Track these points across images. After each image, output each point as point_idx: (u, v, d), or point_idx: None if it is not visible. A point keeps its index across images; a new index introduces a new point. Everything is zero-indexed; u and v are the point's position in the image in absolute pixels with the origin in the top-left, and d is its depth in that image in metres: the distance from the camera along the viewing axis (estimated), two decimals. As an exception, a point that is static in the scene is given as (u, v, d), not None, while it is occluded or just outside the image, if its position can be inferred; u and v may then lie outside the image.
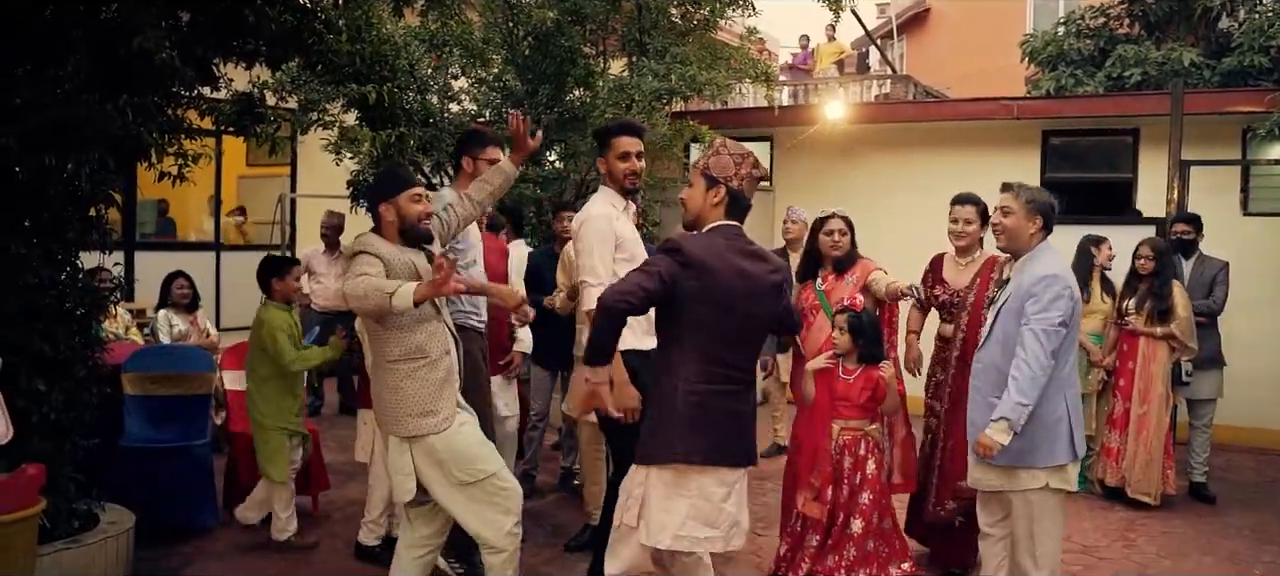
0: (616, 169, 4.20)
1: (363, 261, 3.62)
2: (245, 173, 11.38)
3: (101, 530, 4.51)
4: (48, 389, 4.30)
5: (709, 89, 8.25)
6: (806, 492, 4.65)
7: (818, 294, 5.11)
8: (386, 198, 3.84)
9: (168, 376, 5.69)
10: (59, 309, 4.42)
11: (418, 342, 3.72)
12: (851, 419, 4.63)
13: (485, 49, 7.87)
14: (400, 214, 3.83)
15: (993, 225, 4.22)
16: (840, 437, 4.65)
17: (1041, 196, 4.07)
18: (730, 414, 3.37)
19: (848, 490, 4.61)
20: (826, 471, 4.61)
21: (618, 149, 4.20)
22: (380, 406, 3.80)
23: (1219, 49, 11.18)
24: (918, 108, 11.61)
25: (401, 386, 3.70)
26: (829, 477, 4.61)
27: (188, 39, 4.55)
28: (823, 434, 4.66)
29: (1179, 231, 7.05)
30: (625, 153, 4.19)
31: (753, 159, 3.48)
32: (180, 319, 6.96)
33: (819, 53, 15.54)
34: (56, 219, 4.39)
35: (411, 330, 3.71)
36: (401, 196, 3.84)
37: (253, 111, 5.25)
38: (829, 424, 4.66)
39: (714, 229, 3.43)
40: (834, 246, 5.07)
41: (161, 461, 5.38)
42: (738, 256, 3.37)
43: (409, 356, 3.70)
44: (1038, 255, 3.95)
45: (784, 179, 10.61)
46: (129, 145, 4.47)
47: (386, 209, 3.84)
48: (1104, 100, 10.38)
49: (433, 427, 3.70)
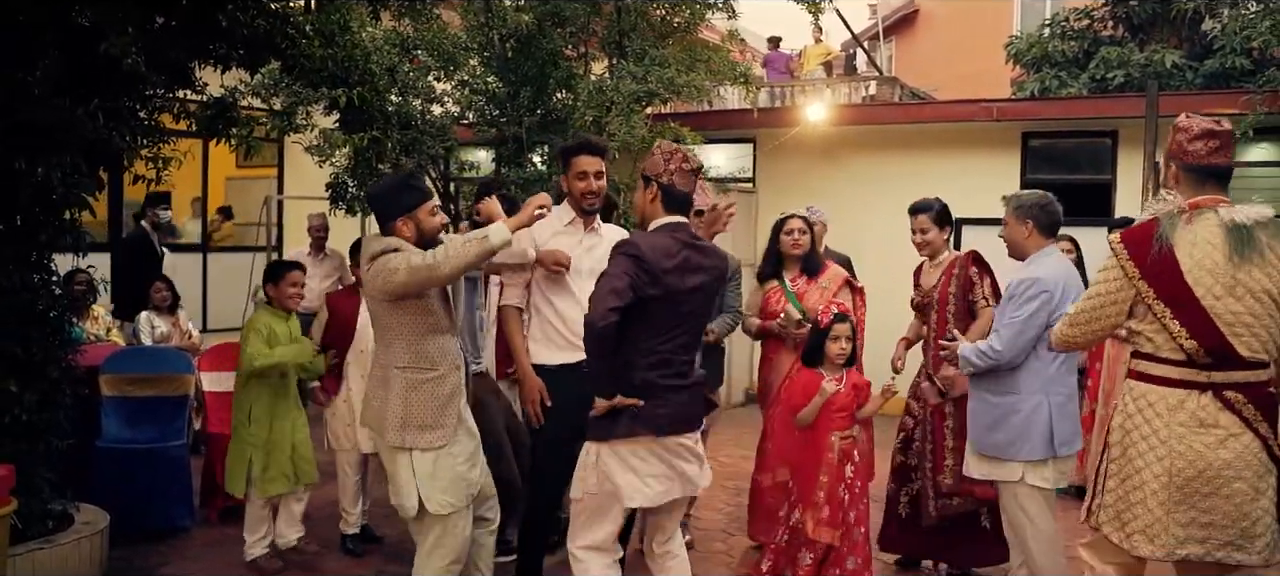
0: (574, 188, 4.21)
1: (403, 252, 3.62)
2: (233, 174, 11.40)
3: (76, 530, 4.54)
4: (20, 390, 4.33)
5: (687, 91, 8.30)
6: (811, 513, 4.46)
7: (788, 294, 5.20)
8: (406, 211, 3.73)
9: (145, 377, 5.73)
10: (32, 310, 4.46)
11: (428, 353, 3.70)
12: (846, 428, 4.52)
13: (457, 53, 7.91)
14: (419, 228, 3.75)
15: (999, 236, 4.36)
16: (840, 447, 4.49)
17: (1028, 198, 4.22)
18: (673, 390, 3.51)
19: (848, 498, 4.50)
20: (836, 492, 4.46)
21: (576, 168, 4.21)
22: (378, 412, 3.74)
23: (1202, 51, 11.25)
24: (899, 109, 11.66)
25: (407, 396, 3.67)
26: (837, 497, 4.46)
27: (161, 43, 4.58)
28: (823, 449, 4.49)
29: None
30: (583, 172, 4.18)
31: (681, 154, 3.59)
32: (162, 320, 7.00)
33: (806, 54, 15.58)
34: (29, 222, 4.43)
35: (424, 339, 3.69)
36: (421, 211, 3.75)
37: (226, 116, 5.28)
38: (826, 438, 4.49)
39: (661, 226, 3.55)
40: (794, 244, 5.23)
41: (138, 462, 5.42)
42: (683, 250, 3.49)
43: (417, 366, 3.68)
44: (1037, 259, 4.13)
45: (766, 180, 10.66)
46: (101, 149, 4.50)
47: (404, 224, 3.72)
48: (1083, 102, 10.45)
49: (429, 443, 3.68)
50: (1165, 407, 3.17)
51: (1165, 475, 3.14)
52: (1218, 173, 3.27)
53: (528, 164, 8.25)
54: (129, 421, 5.62)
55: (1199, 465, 3.11)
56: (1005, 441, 4.09)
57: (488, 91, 8.13)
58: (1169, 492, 3.13)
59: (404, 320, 3.68)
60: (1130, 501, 3.23)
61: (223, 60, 4.93)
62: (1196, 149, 3.24)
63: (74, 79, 4.32)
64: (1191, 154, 3.25)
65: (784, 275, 5.29)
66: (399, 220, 3.73)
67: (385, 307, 3.70)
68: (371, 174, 7.10)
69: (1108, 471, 3.32)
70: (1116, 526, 3.28)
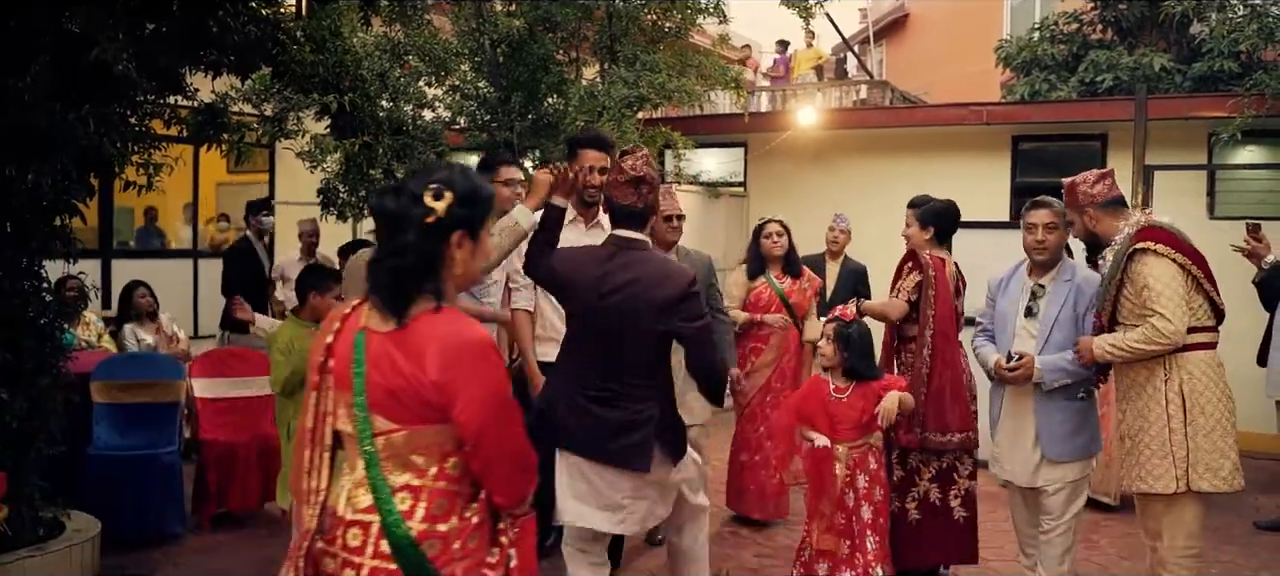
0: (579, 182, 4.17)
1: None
2: (224, 180, 11.38)
3: (67, 537, 4.53)
4: (10, 397, 4.32)
5: (678, 96, 8.33)
6: (818, 523, 4.32)
7: (774, 288, 5.84)
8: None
9: (136, 384, 5.71)
10: (23, 317, 4.44)
11: None
12: (855, 438, 4.29)
13: (449, 58, 7.91)
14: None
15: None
16: (849, 458, 4.29)
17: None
18: (580, 413, 3.40)
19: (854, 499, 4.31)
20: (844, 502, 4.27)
21: (581, 161, 4.24)
22: None
23: (1190, 54, 11.30)
24: (889, 113, 11.70)
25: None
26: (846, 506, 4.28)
27: (151, 49, 4.56)
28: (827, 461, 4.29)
29: None
30: (590, 166, 4.23)
31: (619, 166, 3.55)
32: (146, 331, 6.96)
33: (797, 58, 15.63)
34: (19, 228, 4.42)
35: None
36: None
37: (217, 122, 5.27)
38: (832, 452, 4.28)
39: (605, 242, 3.55)
40: (774, 245, 5.87)
41: (129, 469, 5.40)
42: (604, 266, 3.40)
43: None
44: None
45: (757, 184, 10.68)
46: (92, 155, 4.49)
47: None
48: (1072, 106, 10.49)
49: None
50: (1215, 364, 3.88)
51: (1228, 419, 3.85)
52: (1120, 200, 4.11)
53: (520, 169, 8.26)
54: (120, 428, 5.60)
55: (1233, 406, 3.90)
56: (1088, 441, 4.25)
57: (479, 97, 8.13)
58: (1233, 435, 3.88)
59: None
60: (1221, 449, 3.82)
61: (214, 66, 4.91)
62: (1099, 190, 4.06)
63: (65, 85, 4.31)
64: (1098, 195, 4.06)
65: (769, 272, 5.93)
66: None
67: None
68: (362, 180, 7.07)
69: (1187, 436, 3.80)
70: (1211, 475, 3.81)
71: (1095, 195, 4.05)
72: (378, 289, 2.13)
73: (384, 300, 2.11)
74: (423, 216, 2.10)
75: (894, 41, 21.27)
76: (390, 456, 2.11)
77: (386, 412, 2.09)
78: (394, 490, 2.10)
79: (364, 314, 2.17)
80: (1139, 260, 3.83)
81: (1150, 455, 3.89)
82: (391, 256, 2.12)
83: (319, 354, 2.19)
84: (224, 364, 6.30)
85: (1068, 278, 4.25)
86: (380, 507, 2.09)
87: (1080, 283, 4.25)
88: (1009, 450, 4.34)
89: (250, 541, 5.62)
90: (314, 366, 2.20)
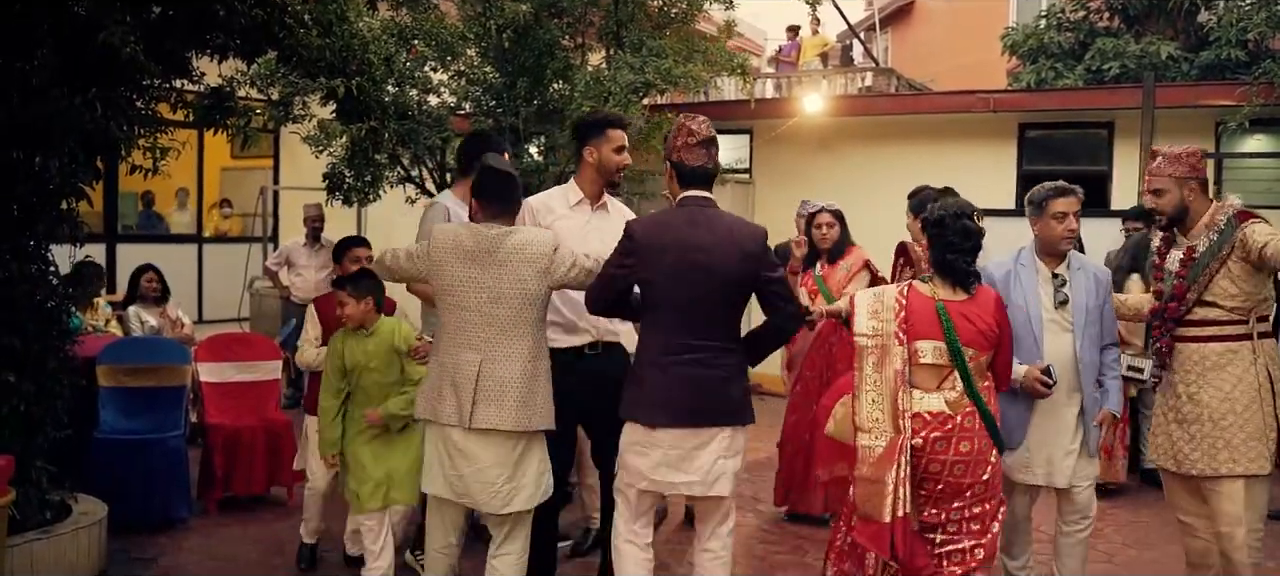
0: (610, 160, 4.14)
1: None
2: (229, 165, 11.39)
3: (74, 520, 4.55)
4: (17, 380, 4.33)
5: (684, 82, 8.30)
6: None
7: (816, 281, 5.79)
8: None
9: (142, 368, 5.72)
10: (30, 302, 4.45)
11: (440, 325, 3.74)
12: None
13: (455, 43, 7.88)
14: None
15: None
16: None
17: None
18: (690, 380, 3.46)
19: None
20: None
21: (614, 142, 4.14)
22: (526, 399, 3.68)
23: (1197, 42, 11.25)
24: (896, 101, 11.66)
25: (429, 365, 3.77)
26: None
27: (158, 32, 4.56)
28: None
29: (1129, 228, 7.12)
30: (620, 146, 4.17)
31: (687, 129, 3.64)
32: (151, 314, 6.97)
33: (803, 45, 15.58)
34: (26, 212, 4.42)
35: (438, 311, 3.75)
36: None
37: (224, 106, 5.26)
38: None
39: (677, 205, 3.59)
40: (822, 238, 5.79)
41: (135, 453, 5.42)
42: (689, 229, 3.48)
43: (434, 335, 3.80)
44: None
45: (763, 171, 10.66)
46: (98, 139, 4.49)
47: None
48: (1079, 94, 10.44)
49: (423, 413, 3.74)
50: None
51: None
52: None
53: (525, 154, 8.24)
54: (126, 412, 5.62)
55: None
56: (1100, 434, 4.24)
57: (485, 82, 8.09)
58: None
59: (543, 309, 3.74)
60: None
61: (220, 50, 4.91)
62: (1202, 168, 4.09)
63: (71, 69, 4.31)
64: (1201, 171, 4.09)
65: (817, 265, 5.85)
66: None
67: (543, 297, 3.71)
68: (368, 165, 7.07)
69: (1267, 422, 3.88)
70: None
71: (1200, 171, 4.08)
72: (946, 271, 3.68)
73: (956, 280, 3.67)
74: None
75: (900, 29, 21.18)
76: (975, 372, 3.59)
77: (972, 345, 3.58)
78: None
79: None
80: (1249, 228, 3.89)
81: (1244, 438, 3.87)
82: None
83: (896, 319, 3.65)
84: (229, 348, 6.32)
85: (1078, 266, 4.21)
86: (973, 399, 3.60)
87: (1095, 271, 4.22)
88: (1039, 451, 4.12)
89: (256, 525, 5.64)
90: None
